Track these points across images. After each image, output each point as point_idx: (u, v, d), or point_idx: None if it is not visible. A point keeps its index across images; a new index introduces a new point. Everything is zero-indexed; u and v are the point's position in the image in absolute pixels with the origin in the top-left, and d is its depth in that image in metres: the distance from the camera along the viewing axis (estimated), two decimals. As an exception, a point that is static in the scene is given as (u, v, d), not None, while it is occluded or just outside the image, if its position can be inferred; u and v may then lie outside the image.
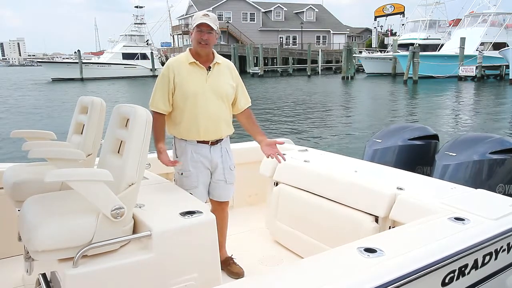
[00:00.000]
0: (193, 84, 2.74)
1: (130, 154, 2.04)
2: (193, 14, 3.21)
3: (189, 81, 2.74)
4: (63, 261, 1.86)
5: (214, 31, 2.73)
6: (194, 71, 2.76)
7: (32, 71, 72.12)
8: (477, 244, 2.16)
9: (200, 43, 2.73)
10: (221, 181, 2.92)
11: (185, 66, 2.76)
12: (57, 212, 1.95)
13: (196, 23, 2.70)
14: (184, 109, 2.76)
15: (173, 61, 2.83)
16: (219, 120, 2.83)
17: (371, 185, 2.98)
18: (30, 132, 3.01)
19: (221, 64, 2.85)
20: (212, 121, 2.79)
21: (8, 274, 2.75)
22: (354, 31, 70.56)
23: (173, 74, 2.74)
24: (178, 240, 2.07)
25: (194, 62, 2.76)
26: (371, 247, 1.98)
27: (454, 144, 4.00)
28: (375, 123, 14.49)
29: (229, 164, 2.94)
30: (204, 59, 2.80)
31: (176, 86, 2.74)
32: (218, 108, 2.81)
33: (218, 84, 2.80)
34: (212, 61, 2.81)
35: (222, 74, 2.84)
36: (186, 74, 2.75)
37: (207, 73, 2.78)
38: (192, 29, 2.76)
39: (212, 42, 2.76)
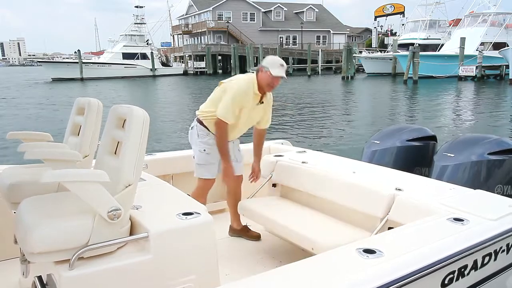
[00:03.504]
0: (246, 112, 3.32)
1: (126, 155, 2.03)
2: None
3: (246, 108, 3.30)
4: (59, 263, 1.85)
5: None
6: (253, 101, 3.32)
7: (32, 71, 72.13)
8: (476, 244, 2.16)
9: (270, 86, 3.28)
10: (232, 161, 3.46)
11: (251, 95, 3.29)
12: (53, 213, 1.94)
13: (275, 73, 3.20)
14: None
15: (247, 87, 3.28)
16: (239, 134, 3.54)
17: (369, 186, 2.98)
18: (27, 133, 3.00)
19: (267, 97, 3.44)
20: (234, 135, 3.48)
21: (4, 277, 2.74)
22: (354, 31, 70.53)
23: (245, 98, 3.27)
24: (176, 241, 2.06)
25: (257, 94, 3.31)
26: (370, 248, 1.98)
27: (452, 145, 4.00)
28: (375, 124, 14.48)
29: (237, 147, 3.63)
30: (263, 92, 3.35)
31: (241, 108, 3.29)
32: (243, 129, 3.50)
33: (257, 115, 3.45)
34: (265, 95, 3.38)
35: (265, 105, 3.44)
36: (248, 102, 3.29)
37: (258, 104, 3.36)
38: (267, 70, 3.22)
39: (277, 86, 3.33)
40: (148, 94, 30.03)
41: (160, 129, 14.00)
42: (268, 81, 3.24)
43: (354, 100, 23.49)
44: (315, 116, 16.77)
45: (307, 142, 11.37)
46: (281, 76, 3.23)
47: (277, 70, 3.22)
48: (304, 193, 3.44)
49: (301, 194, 3.49)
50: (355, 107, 20.39)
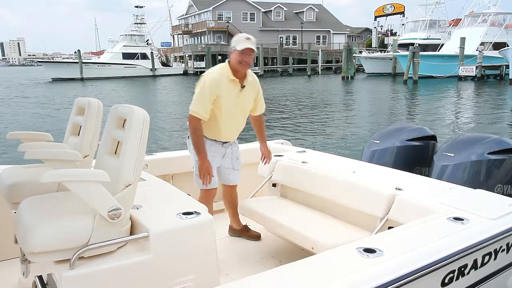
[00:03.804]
0: (226, 101, 3.12)
1: (127, 154, 2.03)
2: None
3: (225, 97, 3.10)
4: (59, 263, 1.85)
5: (253, 54, 3.09)
6: (231, 87, 3.12)
7: (32, 71, 72.11)
8: (476, 244, 2.16)
9: (241, 63, 3.06)
10: (229, 168, 3.42)
11: (226, 82, 3.09)
12: (53, 213, 1.94)
13: (241, 47, 3.01)
14: (212, 119, 3.16)
15: (217, 74, 3.11)
16: (237, 130, 3.36)
17: (369, 186, 2.98)
18: (27, 133, 3.01)
19: (251, 81, 3.24)
20: (231, 132, 3.32)
21: (4, 277, 2.73)
22: (354, 31, 70.51)
23: (217, 87, 3.06)
24: (176, 241, 2.06)
25: (234, 79, 3.11)
26: (371, 247, 1.99)
27: (452, 145, 4.00)
28: (375, 124, 14.48)
29: (236, 154, 3.44)
30: (240, 75, 3.15)
31: (216, 99, 3.09)
32: (239, 121, 3.30)
33: (245, 101, 3.25)
34: (245, 78, 3.18)
35: (250, 91, 3.25)
36: (225, 91, 3.09)
37: (240, 90, 3.16)
38: (233, 49, 3.05)
39: (250, 62, 3.11)
40: (148, 94, 30.02)
41: (160, 129, 14.00)
42: (238, 59, 3.05)
43: (354, 100, 23.48)
44: (315, 116, 16.77)
45: (307, 142, 11.37)
46: (248, 47, 3.02)
47: (243, 44, 3.03)
48: (304, 193, 3.44)
49: (301, 194, 3.50)
50: (355, 107, 20.39)
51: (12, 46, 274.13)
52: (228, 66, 3.12)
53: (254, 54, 3.12)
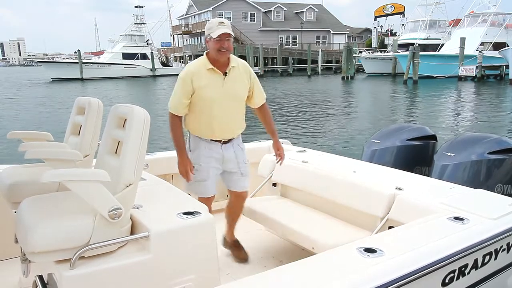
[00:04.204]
0: (210, 91, 2.88)
1: (127, 154, 2.03)
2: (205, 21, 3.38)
3: (207, 87, 2.87)
4: (60, 262, 1.85)
5: (231, 38, 2.85)
6: (211, 77, 2.89)
7: (32, 71, 72.09)
8: (477, 244, 2.16)
9: (220, 51, 2.83)
10: (236, 173, 3.11)
11: (204, 72, 2.88)
12: (54, 213, 1.94)
13: (216, 33, 2.78)
14: (201, 113, 2.93)
15: (192, 66, 2.93)
16: (233, 123, 3.03)
17: (370, 186, 2.99)
18: (27, 133, 3.01)
19: (236, 67, 2.97)
20: (226, 125, 2.98)
21: (5, 277, 2.73)
22: (354, 31, 70.50)
23: (192, 80, 2.85)
24: (176, 241, 2.06)
25: (212, 68, 2.88)
26: (371, 247, 1.99)
27: (452, 145, 4.01)
28: (375, 123, 14.48)
29: (242, 158, 3.12)
30: (221, 63, 2.91)
31: (195, 92, 2.87)
32: (233, 111, 2.99)
33: (234, 88, 2.96)
34: (228, 66, 2.92)
35: (237, 77, 2.97)
36: (204, 80, 2.87)
37: (223, 78, 2.91)
38: (209, 37, 2.83)
39: (230, 49, 2.87)
40: (148, 94, 30.03)
41: (160, 129, 13.99)
42: (215, 47, 2.82)
43: (354, 100, 23.48)
44: (315, 115, 16.77)
45: (307, 142, 11.37)
46: (223, 32, 2.78)
47: (217, 31, 2.79)
48: (304, 193, 3.44)
49: (301, 193, 3.50)
50: (355, 107, 20.39)
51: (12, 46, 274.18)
52: (205, 57, 2.93)
53: (232, 38, 2.88)
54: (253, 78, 3.08)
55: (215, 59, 2.89)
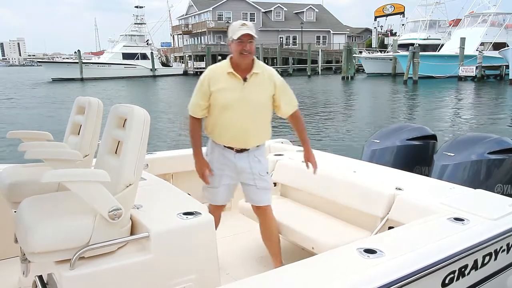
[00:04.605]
0: (226, 96, 2.76)
1: (127, 154, 2.03)
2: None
3: (224, 91, 2.76)
4: (60, 263, 1.85)
5: (254, 40, 2.73)
6: (230, 81, 2.76)
7: (32, 71, 72.09)
8: (476, 244, 2.16)
9: (242, 53, 2.70)
10: (251, 186, 2.91)
11: (223, 76, 2.77)
12: (53, 213, 1.94)
13: (237, 35, 2.66)
14: (216, 117, 2.83)
15: (212, 69, 2.84)
16: (247, 132, 2.84)
17: (370, 186, 2.99)
18: (27, 132, 3.00)
19: (259, 73, 2.81)
20: (239, 133, 2.82)
21: (4, 277, 2.73)
22: (354, 31, 70.52)
23: (209, 82, 2.76)
24: (176, 241, 2.06)
25: (232, 72, 2.75)
26: (371, 248, 1.99)
27: (452, 144, 4.01)
28: (375, 123, 14.48)
29: (258, 170, 2.90)
30: (243, 68, 2.78)
31: (212, 95, 2.77)
32: (249, 120, 2.81)
33: (252, 95, 2.78)
34: (250, 71, 2.78)
35: (259, 84, 2.81)
36: (222, 85, 2.76)
37: (243, 83, 2.76)
38: (231, 40, 2.73)
39: (253, 51, 2.75)
40: (148, 94, 30.03)
41: (160, 129, 14.00)
42: (237, 50, 2.69)
43: (354, 100, 23.49)
44: (315, 115, 16.76)
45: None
46: (244, 33, 2.65)
47: (239, 31, 2.67)
48: (304, 192, 3.44)
49: (301, 193, 3.49)
50: (355, 107, 20.39)
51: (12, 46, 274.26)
52: (228, 60, 2.82)
53: (255, 41, 2.74)
54: (280, 86, 2.87)
55: (237, 63, 2.77)
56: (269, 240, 3.01)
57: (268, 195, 2.95)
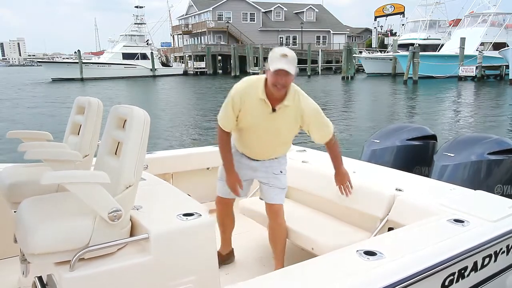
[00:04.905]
0: (252, 121, 2.73)
1: (127, 155, 2.02)
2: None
3: (251, 115, 2.71)
4: (59, 264, 1.84)
5: (291, 75, 2.55)
6: (259, 107, 2.68)
7: (32, 71, 72.11)
8: (476, 246, 2.16)
9: (275, 86, 2.57)
10: (265, 184, 2.94)
11: (254, 98, 2.66)
12: (53, 214, 1.93)
13: (274, 67, 2.50)
14: (240, 131, 2.84)
15: (246, 87, 2.71)
16: (266, 153, 2.88)
17: (370, 186, 2.98)
18: (27, 132, 3.00)
19: (289, 106, 2.68)
20: (257, 152, 2.88)
21: (4, 276, 2.73)
22: (354, 31, 70.54)
23: (240, 100, 2.68)
24: (176, 242, 2.06)
25: (263, 99, 2.65)
26: (371, 249, 1.99)
27: (452, 145, 4.01)
28: (375, 123, 14.48)
29: (273, 169, 2.91)
30: (276, 97, 2.66)
31: (240, 113, 2.73)
32: (269, 144, 2.84)
33: (277, 125, 2.73)
34: (280, 103, 2.66)
35: (286, 116, 2.71)
36: (251, 108, 2.68)
37: (271, 112, 2.68)
38: (267, 68, 2.58)
39: (288, 85, 2.61)
40: (148, 94, 30.04)
41: (160, 128, 14.00)
42: (271, 81, 2.56)
43: (354, 100, 23.49)
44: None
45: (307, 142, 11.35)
46: (280, 69, 2.48)
47: (276, 64, 2.49)
48: (304, 193, 3.44)
49: (301, 193, 3.49)
50: (355, 107, 20.40)
51: (12, 46, 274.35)
52: (263, 83, 2.66)
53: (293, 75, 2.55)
54: (308, 118, 2.72)
55: (271, 93, 2.64)
56: (274, 243, 2.98)
57: (280, 195, 2.92)
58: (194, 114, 18.48)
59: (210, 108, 20.15)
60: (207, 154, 4.09)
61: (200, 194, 3.89)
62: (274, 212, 2.93)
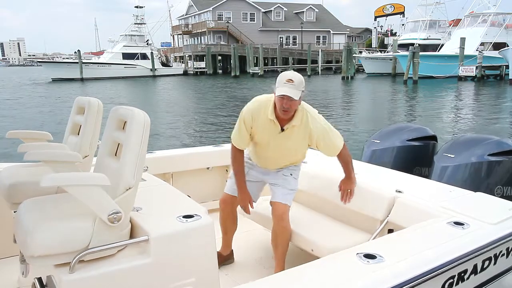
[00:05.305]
0: (262, 138, 2.86)
1: (127, 157, 2.02)
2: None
3: (261, 134, 2.84)
4: (59, 266, 1.84)
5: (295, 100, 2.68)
6: (269, 126, 2.80)
7: (32, 71, 72.11)
8: (476, 249, 2.16)
9: (280, 109, 2.70)
10: (273, 185, 3.00)
11: (264, 118, 2.79)
12: (53, 216, 1.93)
13: (278, 92, 2.63)
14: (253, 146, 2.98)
15: (256, 108, 2.82)
16: (279, 163, 2.98)
17: (370, 188, 2.98)
18: (26, 132, 2.99)
19: (297, 126, 2.79)
20: (271, 162, 2.98)
21: (4, 276, 2.72)
22: (354, 31, 70.51)
23: (251, 119, 2.81)
24: (176, 244, 2.05)
25: (272, 120, 2.77)
26: (371, 253, 1.99)
27: (452, 146, 4.00)
28: (375, 123, 14.47)
29: (283, 172, 2.99)
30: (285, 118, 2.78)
31: (252, 130, 2.85)
32: (281, 158, 2.95)
33: (286, 145, 2.86)
34: (288, 123, 2.78)
35: (294, 136, 2.83)
36: (261, 127, 2.81)
37: (279, 132, 2.80)
38: (275, 90, 2.70)
39: (294, 107, 2.72)
40: (148, 94, 30.02)
41: (160, 129, 14.00)
42: (277, 104, 2.70)
43: (354, 100, 23.48)
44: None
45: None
46: (283, 95, 2.60)
47: (281, 89, 2.62)
48: (304, 194, 3.43)
49: (301, 194, 3.48)
50: (355, 107, 20.40)
51: (12, 46, 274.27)
52: (273, 103, 2.77)
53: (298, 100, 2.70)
54: (317, 137, 2.83)
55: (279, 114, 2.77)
56: (276, 245, 2.94)
57: (287, 196, 2.91)
58: (194, 114, 18.48)
59: (210, 108, 20.17)
60: (207, 154, 4.08)
61: (200, 194, 3.89)
62: (279, 214, 2.87)
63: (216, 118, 16.73)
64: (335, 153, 2.92)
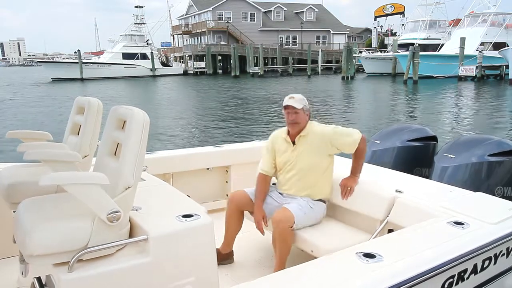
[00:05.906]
0: (280, 158, 3.15)
1: (126, 156, 2.01)
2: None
3: (280, 154, 3.16)
4: (58, 265, 1.84)
5: (300, 110, 3.00)
6: (284, 145, 3.14)
7: (32, 71, 72.13)
8: (476, 249, 2.15)
9: (288, 122, 3.06)
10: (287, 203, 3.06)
11: (281, 140, 3.16)
12: (52, 215, 1.93)
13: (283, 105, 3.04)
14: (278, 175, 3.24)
15: (275, 134, 3.25)
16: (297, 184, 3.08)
17: (370, 188, 2.98)
18: (26, 132, 2.99)
19: (306, 135, 3.05)
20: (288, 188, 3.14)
21: (3, 276, 2.72)
22: (354, 31, 70.52)
23: (272, 144, 3.21)
24: (175, 244, 2.05)
25: (286, 138, 3.13)
26: (370, 252, 1.98)
27: (453, 146, 4.00)
28: (375, 124, 14.49)
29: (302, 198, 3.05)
30: (293, 133, 3.10)
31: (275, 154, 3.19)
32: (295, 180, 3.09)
33: (300, 158, 3.06)
34: (297, 135, 3.07)
35: (305, 145, 3.05)
36: (280, 148, 3.16)
37: (293, 146, 3.08)
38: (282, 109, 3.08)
39: (300, 120, 3.02)
40: (148, 94, 30.03)
41: (160, 129, 13.99)
42: (286, 120, 3.07)
43: (354, 100, 23.49)
44: (315, 116, 16.75)
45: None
46: (286, 105, 3.01)
47: (284, 102, 3.04)
48: None
49: None
50: (355, 107, 20.40)
51: (12, 46, 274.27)
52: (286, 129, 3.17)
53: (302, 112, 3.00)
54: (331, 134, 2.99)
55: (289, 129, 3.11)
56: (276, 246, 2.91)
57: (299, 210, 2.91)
58: (194, 114, 18.49)
59: (210, 108, 20.18)
60: (207, 154, 4.08)
61: (200, 194, 3.89)
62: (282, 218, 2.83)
63: (216, 118, 16.74)
64: (353, 150, 3.02)
